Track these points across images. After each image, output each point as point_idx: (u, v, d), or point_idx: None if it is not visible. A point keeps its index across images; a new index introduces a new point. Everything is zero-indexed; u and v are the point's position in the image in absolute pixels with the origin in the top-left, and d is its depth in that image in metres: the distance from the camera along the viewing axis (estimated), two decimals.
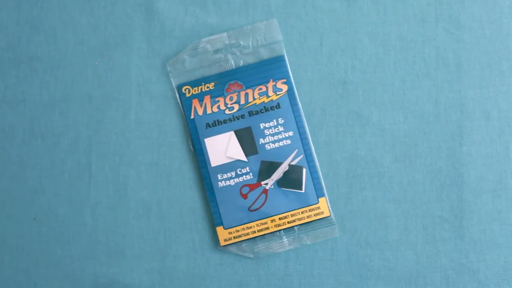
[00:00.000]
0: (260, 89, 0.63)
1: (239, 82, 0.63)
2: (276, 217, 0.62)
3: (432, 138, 0.64)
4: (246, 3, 0.65)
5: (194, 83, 0.64)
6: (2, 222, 0.64)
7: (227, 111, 0.63)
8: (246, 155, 0.63)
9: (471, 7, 0.65)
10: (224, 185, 0.63)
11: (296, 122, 0.63)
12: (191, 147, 0.64)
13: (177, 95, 0.64)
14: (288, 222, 0.62)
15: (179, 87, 0.64)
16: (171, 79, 0.64)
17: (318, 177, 0.63)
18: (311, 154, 0.63)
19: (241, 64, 0.64)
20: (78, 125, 0.64)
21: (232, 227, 0.62)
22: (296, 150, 0.63)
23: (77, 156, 0.64)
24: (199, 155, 0.63)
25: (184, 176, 0.64)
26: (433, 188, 0.63)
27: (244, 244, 0.63)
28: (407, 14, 0.65)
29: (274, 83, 0.63)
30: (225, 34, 0.64)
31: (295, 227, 0.63)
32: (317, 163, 0.63)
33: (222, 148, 0.63)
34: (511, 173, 0.63)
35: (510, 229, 0.63)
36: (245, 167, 0.63)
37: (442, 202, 0.63)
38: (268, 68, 0.63)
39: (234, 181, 0.63)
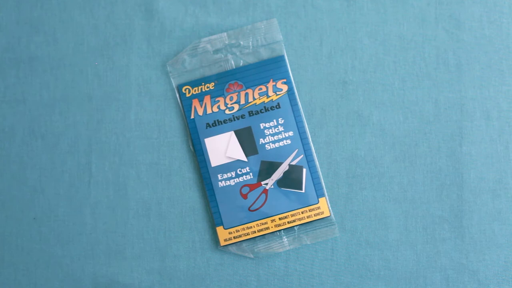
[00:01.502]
0: (260, 89, 0.63)
1: (239, 82, 0.63)
2: (276, 217, 0.62)
3: (432, 138, 0.64)
4: (246, 3, 0.65)
5: (194, 83, 0.64)
6: (2, 222, 0.64)
7: (227, 111, 0.63)
8: (246, 155, 0.63)
9: (471, 7, 0.65)
10: (224, 185, 0.63)
11: (296, 122, 0.63)
12: (191, 147, 0.64)
13: (177, 95, 0.64)
14: (288, 222, 0.62)
15: (179, 87, 0.64)
16: (171, 79, 0.64)
17: (318, 177, 0.63)
18: (311, 154, 0.63)
19: (241, 64, 0.64)
20: (78, 125, 0.64)
21: (232, 227, 0.62)
22: (296, 150, 0.63)
23: (77, 156, 0.64)
24: (199, 155, 0.63)
25: (184, 176, 0.64)
26: (433, 188, 0.63)
27: (244, 244, 0.63)
28: (407, 14, 0.65)
29: (274, 83, 0.63)
30: (225, 34, 0.64)
31: (295, 227, 0.63)
32: (317, 163, 0.63)
33: (222, 148, 0.63)
34: (511, 173, 0.63)
35: (510, 229, 0.63)
36: (245, 167, 0.63)
37: (442, 202, 0.63)
38: (268, 68, 0.63)
39: (234, 181, 0.63)
